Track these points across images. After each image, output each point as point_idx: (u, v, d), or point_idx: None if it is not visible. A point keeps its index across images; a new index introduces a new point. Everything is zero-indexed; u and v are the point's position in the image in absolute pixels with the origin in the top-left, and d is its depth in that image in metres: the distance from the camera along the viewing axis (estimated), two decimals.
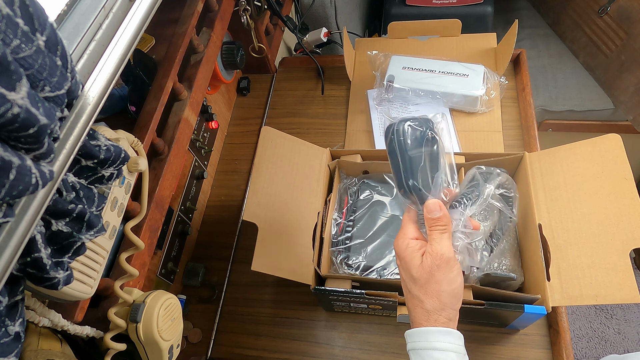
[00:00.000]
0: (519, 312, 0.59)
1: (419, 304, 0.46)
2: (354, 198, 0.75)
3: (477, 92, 0.86)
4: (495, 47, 0.96)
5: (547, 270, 0.59)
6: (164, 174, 0.64)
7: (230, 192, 0.93)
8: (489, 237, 0.66)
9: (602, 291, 0.54)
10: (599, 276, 0.56)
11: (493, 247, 0.66)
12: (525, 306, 0.58)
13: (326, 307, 0.74)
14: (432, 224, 0.47)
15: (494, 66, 0.93)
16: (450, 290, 0.45)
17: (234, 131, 1.02)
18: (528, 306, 0.58)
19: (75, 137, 0.36)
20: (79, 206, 0.38)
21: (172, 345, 0.57)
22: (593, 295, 0.55)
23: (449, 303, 0.45)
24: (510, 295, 0.60)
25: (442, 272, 0.45)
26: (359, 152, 0.75)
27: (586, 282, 0.56)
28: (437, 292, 0.45)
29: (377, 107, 0.94)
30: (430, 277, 0.45)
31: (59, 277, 0.37)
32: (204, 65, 0.73)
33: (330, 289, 0.63)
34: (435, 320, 0.45)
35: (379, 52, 0.95)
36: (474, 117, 0.89)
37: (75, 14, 0.41)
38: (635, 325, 1.46)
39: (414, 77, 0.90)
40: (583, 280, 0.56)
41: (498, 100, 0.89)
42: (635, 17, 1.19)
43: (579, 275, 0.57)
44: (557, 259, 0.59)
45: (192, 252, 0.87)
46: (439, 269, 0.45)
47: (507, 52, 0.88)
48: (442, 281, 0.45)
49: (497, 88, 0.89)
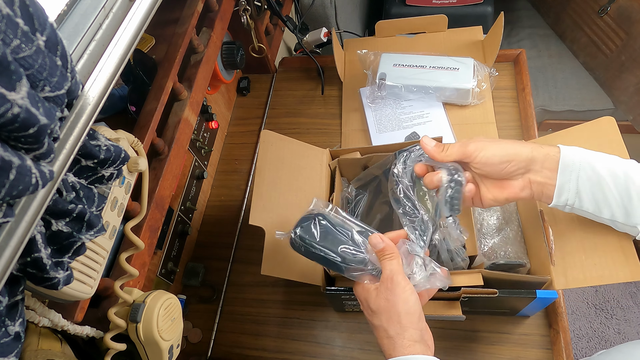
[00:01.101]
0: (531, 298, 0.59)
1: (384, 335, 0.48)
2: (351, 205, 0.75)
3: (469, 84, 0.87)
4: (483, 40, 0.97)
5: (551, 255, 0.59)
6: (164, 174, 0.64)
7: (230, 192, 0.93)
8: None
9: (606, 272, 0.55)
10: (602, 257, 0.56)
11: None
12: (537, 291, 0.58)
13: (337, 307, 0.74)
14: (380, 255, 0.50)
15: (483, 59, 0.94)
16: (407, 309, 0.47)
17: (234, 131, 1.02)
18: (540, 291, 0.58)
19: (75, 137, 0.36)
20: (79, 206, 0.38)
21: (172, 345, 0.57)
22: (598, 276, 0.55)
23: (409, 323, 0.47)
24: (520, 278, 0.60)
25: (395, 293, 0.47)
26: (357, 150, 0.75)
27: (590, 263, 0.57)
28: (396, 314, 0.47)
29: (371, 105, 0.94)
30: (386, 303, 0.48)
31: (59, 277, 0.37)
32: (204, 65, 0.73)
33: (342, 289, 0.63)
34: (401, 346, 0.47)
35: (369, 51, 0.95)
36: (467, 110, 0.90)
37: (75, 14, 0.41)
38: (635, 325, 1.46)
39: (406, 74, 0.91)
40: (586, 262, 0.57)
41: (489, 92, 0.90)
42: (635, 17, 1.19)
43: (582, 258, 0.57)
44: (561, 244, 0.60)
45: (192, 252, 0.87)
46: (391, 292, 0.47)
47: (495, 43, 0.89)
48: (397, 303, 0.47)
49: (488, 80, 0.90)
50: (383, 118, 0.92)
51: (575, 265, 0.58)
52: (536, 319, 0.69)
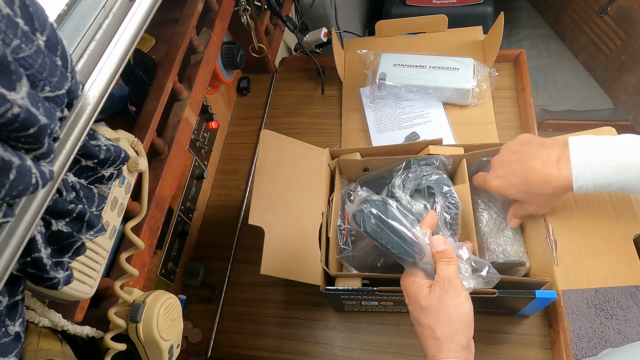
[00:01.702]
0: (530, 298, 0.59)
1: (430, 334, 0.47)
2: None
3: (469, 84, 0.87)
4: (483, 40, 0.97)
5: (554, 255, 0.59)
6: (164, 174, 0.64)
7: (230, 192, 0.93)
8: None
9: (609, 274, 0.55)
10: (604, 260, 0.56)
11: None
12: (537, 292, 0.58)
13: (337, 307, 0.74)
14: (438, 257, 0.49)
15: (483, 59, 0.94)
16: (459, 315, 0.46)
17: (234, 131, 1.02)
18: (539, 291, 0.58)
19: (75, 137, 0.36)
20: (79, 206, 0.38)
21: (172, 345, 0.57)
22: (602, 278, 0.55)
23: (459, 329, 0.46)
24: (519, 280, 0.60)
25: (450, 296, 0.47)
26: (357, 150, 0.75)
27: (593, 265, 0.57)
28: (447, 317, 0.46)
29: (371, 105, 0.94)
30: (438, 303, 0.47)
31: (59, 277, 0.37)
32: (204, 65, 0.73)
33: (342, 288, 0.63)
34: (447, 349, 0.46)
35: (369, 51, 0.95)
36: (466, 110, 0.90)
37: (75, 14, 0.41)
38: (635, 325, 1.46)
39: (406, 74, 0.91)
40: (590, 264, 0.57)
41: (489, 92, 0.90)
42: (635, 17, 1.19)
43: (585, 260, 0.57)
44: (563, 244, 0.60)
45: (192, 252, 0.87)
46: (447, 293, 0.47)
47: (495, 43, 0.89)
48: (450, 305, 0.46)
49: (488, 80, 0.90)
50: (383, 118, 0.92)
51: (579, 266, 0.58)
52: (536, 319, 0.69)
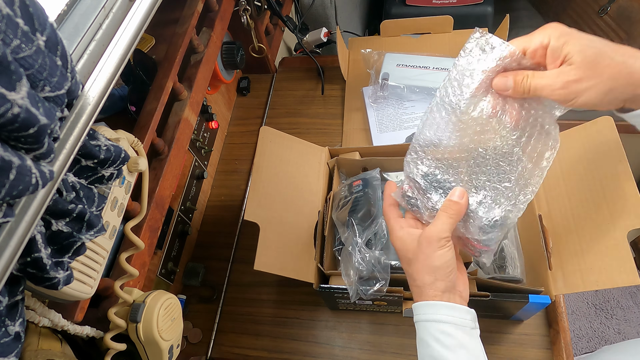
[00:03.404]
0: (524, 302, 0.59)
1: (412, 282, 0.49)
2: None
3: None
4: None
5: (549, 260, 0.59)
6: (164, 174, 0.64)
7: (230, 192, 0.93)
8: None
9: (602, 277, 0.55)
10: (598, 261, 0.56)
11: None
12: (530, 296, 0.58)
13: (330, 305, 0.74)
14: (447, 206, 0.47)
15: None
16: (440, 265, 0.46)
17: (234, 131, 1.02)
18: (532, 296, 0.58)
19: (75, 137, 0.36)
20: (79, 206, 0.38)
21: (172, 345, 0.57)
22: (594, 281, 0.55)
23: (439, 276, 0.46)
24: (514, 287, 0.60)
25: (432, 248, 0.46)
26: (357, 150, 0.75)
27: (587, 267, 0.56)
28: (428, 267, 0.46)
29: (373, 105, 0.94)
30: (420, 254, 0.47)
31: (59, 277, 0.37)
32: (204, 65, 0.73)
33: (335, 287, 0.63)
34: (426, 295, 0.47)
35: (373, 51, 0.95)
36: None
37: (75, 14, 0.41)
38: (635, 325, 1.46)
39: (409, 74, 0.90)
40: (584, 266, 0.56)
41: None
42: (635, 17, 1.19)
43: (579, 262, 0.57)
44: (558, 248, 0.60)
45: (192, 252, 0.87)
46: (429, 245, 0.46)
47: None
48: (431, 256, 0.46)
49: None
50: (384, 118, 0.92)
51: (573, 270, 0.57)
52: (536, 319, 0.69)
